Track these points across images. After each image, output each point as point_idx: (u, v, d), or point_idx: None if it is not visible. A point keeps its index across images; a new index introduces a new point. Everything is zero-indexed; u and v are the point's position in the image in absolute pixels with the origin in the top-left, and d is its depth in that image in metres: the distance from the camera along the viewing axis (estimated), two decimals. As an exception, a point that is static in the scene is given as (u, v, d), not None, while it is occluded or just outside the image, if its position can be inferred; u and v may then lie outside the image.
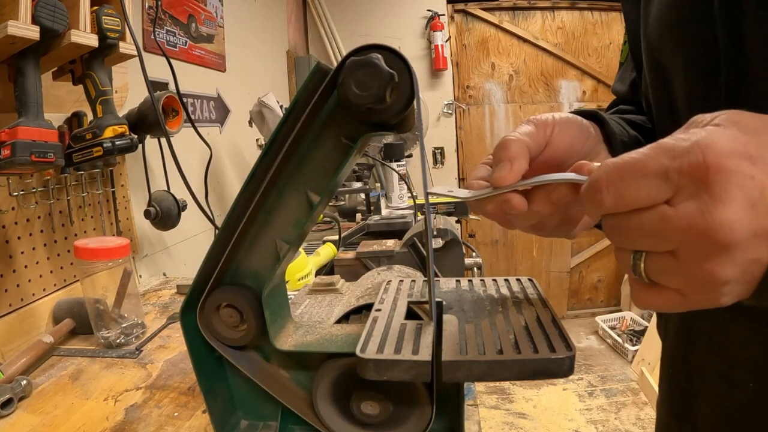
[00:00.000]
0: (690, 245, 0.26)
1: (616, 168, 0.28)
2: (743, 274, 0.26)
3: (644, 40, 0.47)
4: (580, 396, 2.45)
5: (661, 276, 0.28)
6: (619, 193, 0.27)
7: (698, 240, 0.25)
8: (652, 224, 0.27)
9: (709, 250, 0.25)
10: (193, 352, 0.44)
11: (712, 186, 0.25)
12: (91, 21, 0.82)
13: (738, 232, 0.24)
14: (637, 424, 2.18)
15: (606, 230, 0.30)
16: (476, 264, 1.16)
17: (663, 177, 0.26)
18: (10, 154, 0.69)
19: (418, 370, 0.33)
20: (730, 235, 0.25)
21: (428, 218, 0.37)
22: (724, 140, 0.25)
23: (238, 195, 0.41)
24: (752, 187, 0.24)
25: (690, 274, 0.26)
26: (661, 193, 0.26)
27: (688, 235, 0.25)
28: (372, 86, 0.34)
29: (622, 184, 0.27)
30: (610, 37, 3.15)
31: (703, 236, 0.25)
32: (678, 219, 0.26)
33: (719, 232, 0.25)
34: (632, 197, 0.27)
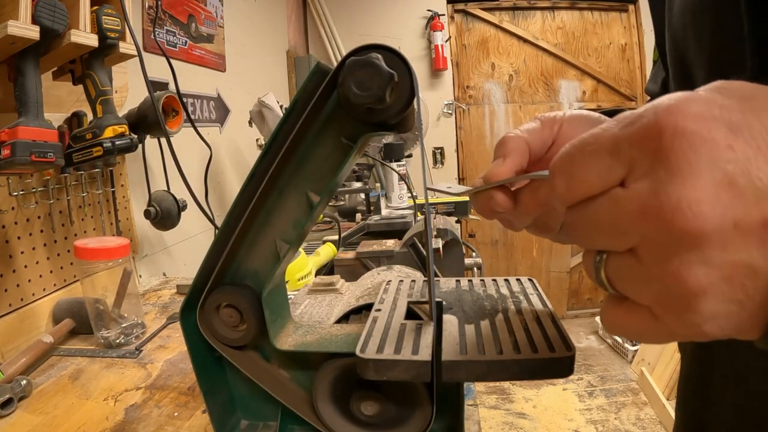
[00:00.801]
0: (649, 238, 0.20)
1: (570, 148, 0.23)
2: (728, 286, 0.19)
3: (668, 32, 0.45)
4: (580, 396, 2.45)
5: (625, 285, 0.22)
6: (570, 177, 0.23)
7: (655, 229, 0.20)
8: (604, 213, 0.22)
9: (671, 244, 0.19)
10: (193, 352, 0.44)
11: (668, 155, 0.19)
12: (91, 21, 0.82)
13: (705, 217, 0.19)
14: (637, 424, 2.18)
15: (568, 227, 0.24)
16: (476, 264, 1.16)
17: (613, 152, 0.21)
18: (10, 154, 0.69)
19: (418, 370, 0.33)
20: (693, 220, 0.19)
21: (428, 218, 0.37)
22: (692, 101, 0.20)
23: (238, 195, 0.41)
24: (730, 160, 0.19)
25: (654, 279, 0.20)
26: (613, 172, 0.21)
27: (643, 223, 0.20)
28: (372, 86, 0.34)
29: (573, 167, 0.23)
30: (610, 37, 3.15)
31: (659, 223, 0.19)
32: (629, 202, 0.20)
33: (677, 216, 0.19)
34: (582, 181, 0.22)
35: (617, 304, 0.23)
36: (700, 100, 0.20)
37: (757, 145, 0.19)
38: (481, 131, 3.25)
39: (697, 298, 0.20)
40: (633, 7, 3.12)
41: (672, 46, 0.45)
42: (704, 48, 0.39)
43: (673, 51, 0.45)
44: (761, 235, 0.19)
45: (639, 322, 0.22)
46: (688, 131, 0.19)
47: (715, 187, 0.19)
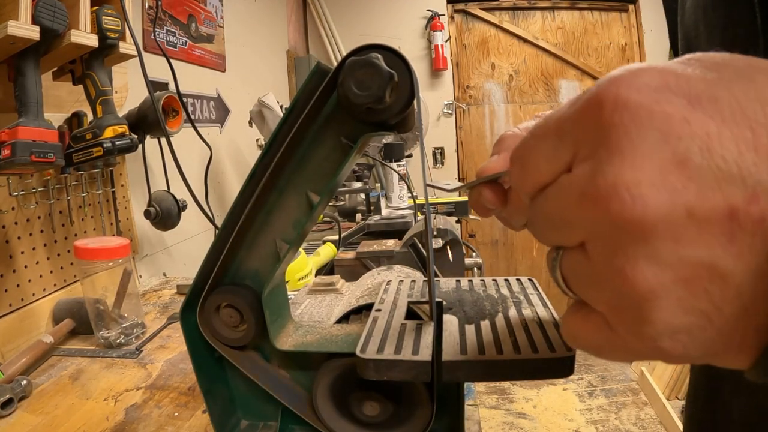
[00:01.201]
0: (593, 230, 0.17)
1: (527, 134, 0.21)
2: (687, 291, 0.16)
3: (681, 30, 0.44)
4: (580, 396, 2.45)
5: (579, 286, 0.19)
6: (522, 165, 0.20)
7: (596, 219, 0.17)
8: (551, 203, 0.19)
9: (614, 236, 0.16)
10: (193, 352, 0.44)
11: (608, 131, 0.17)
12: (91, 21, 0.82)
13: (647, 202, 0.16)
14: (637, 424, 2.18)
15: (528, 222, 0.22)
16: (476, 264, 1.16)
17: (559, 133, 0.19)
18: (10, 154, 0.69)
19: (418, 370, 0.33)
20: (632, 206, 0.16)
21: (428, 218, 0.37)
22: (644, 70, 0.17)
23: (238, 195, 0.41)
24: (683, 135, 0.16)
25: (603, 279, 0.17)
26: (559, 156, 0.19)
27: (584, 211, 0.17)
28: (372, 86, 0.34)
29: (525, 153, 0.20)
30: (610, 37, 3.15)
31: (598, 211, 0.17)
32: (571, 189, 0.18)
33: (613, 200, 0.16)
34: (533, 168, 0.20)
35: (575, 310, 0.20)
36: (654, 69, 0.17)
37: (722, 118, 0.15)
38: (481, 131, 3.25)
39: (647, 303, 0.16)
40: (633, 7, 3.12)
41: (684, 44, 0.44)
42: (715, 45, 0.38)
43: (685, 49, 0.44)
44: (727, 229, 0.15)
45: (594, 333, 0.19)
46: (631, 103, 0.16)
47: (663, 167, 0.16)
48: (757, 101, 0.16)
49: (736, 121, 0.15)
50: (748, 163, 0.15)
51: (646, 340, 0.17)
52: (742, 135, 0.15)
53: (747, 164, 0.15)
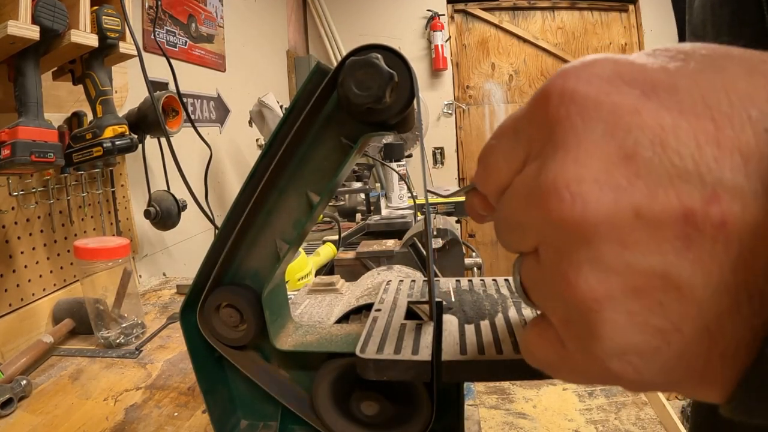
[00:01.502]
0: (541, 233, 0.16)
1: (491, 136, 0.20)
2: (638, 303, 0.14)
3: (689, 29, 0.44)
4: (580, 396, 2.45)
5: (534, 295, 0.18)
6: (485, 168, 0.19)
7: (540, 220, 0.16)
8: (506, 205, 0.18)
9: (558, 237, 0.15)
10: (193, 352, 0.44)
11: (554, 125, 0.15)
12: (91, 21, 0.82)
13: (588, 200, 0.14)
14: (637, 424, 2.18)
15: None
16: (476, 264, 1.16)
17: (515, 131, 0.18)
18: (10, 154, 0.69)
19: (418, 370, 0.33)
20: (571, 204, 0.14)
21: (428, 218, 0.37)
22: (597, 61, 0.16)
23: (238, 195, 0.41)
24: (632, 127, 0.14)
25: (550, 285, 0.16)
26: (515, 155, 0.18)
27: (530, 212, 0.16)
28: (372, 86, 0.34)
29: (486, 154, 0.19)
30: (610, 37, 3.15)
31: (540, 211, 0.15)
32: (520, 189, 0.17)
33: (552, 198, 0.15)
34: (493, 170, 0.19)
35: (533, 324, 0.19)
36: (608, 59, 0.16)
37: (680, 109, 0.14)
38: (481, 131, 3.25)
39: (593, 314, 0.14)
40: (633, 7, 3.12)
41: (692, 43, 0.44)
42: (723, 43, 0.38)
43: None
44: (682, 232, 0.13)
45: (548, 349, 0.18)
46: (578, 94, 0.15)
47: (607, 162, 0.14)
48: (723, 90, 0.14)
49: (697, 112, 0.14)
50: (707, 158, 0.13)
51: (594, 359, 0.15)
52: (703, 127, 0.13)
53: (706, 160, 0.13)
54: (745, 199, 0.13)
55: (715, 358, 0.14)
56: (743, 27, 0.35)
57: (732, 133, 0.13)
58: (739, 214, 0.13)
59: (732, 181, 0.13)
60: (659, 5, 3.00)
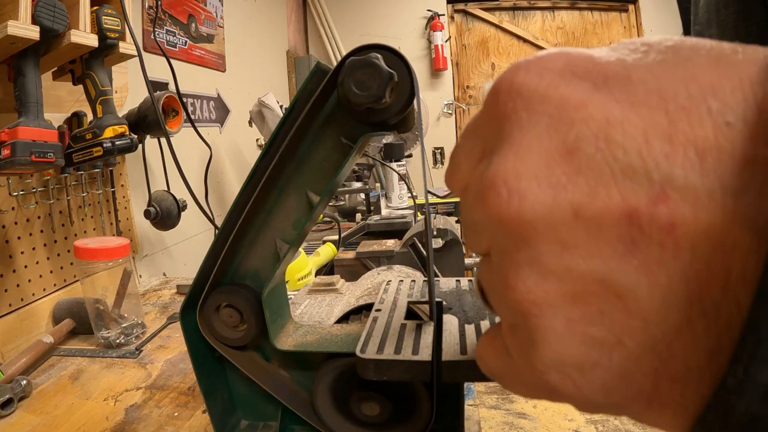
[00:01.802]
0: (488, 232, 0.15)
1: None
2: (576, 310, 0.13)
3: (694, 29, 0.43)
4: (580, 396, 2.45)
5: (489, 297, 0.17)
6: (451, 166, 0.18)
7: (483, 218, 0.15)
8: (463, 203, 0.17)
9: (500, 237, 0.14)
10: (193, 352, 0.44)
11: (501, 120, 0.15)
12: (91, 21, 0.82)
13: (524, 196, 0.13)
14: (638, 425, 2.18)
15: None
16: (476, 264, 1.16)
17: (475, 128, 0.17)
18: (10, 154, 0.69)
19: (418, 370, 0.33)
20: (507, 201, 0.14)
21: (428, 218, 0.37)
22: (550, 55, 0.15)
23: (238, 195, 0.41)
24: (576, 120, 0.13)
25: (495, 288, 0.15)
26: (474, 152, 0.17)
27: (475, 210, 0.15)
28: (372, 86, 0.34)
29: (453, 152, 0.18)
30: (610, 37, 3.15)
31: (481, 208, 0.15)
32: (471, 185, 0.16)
33: (490, 195, 0.14)
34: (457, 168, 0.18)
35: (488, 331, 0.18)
36: (562, 53, 0.15)
37: (631, 102, 0.13)
38: (481, 131, 3.25)
39: (531, 319, 0.14)
40: (633, 7, 3.12)
41: None
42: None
43: None
44: (625, 235, 0.12)
45: (495, 356, 0.17)
46: (525, 88, 0.14)
47: (547, 158, 0.13)
48: (682, 82, 0.12)
49: (650, 105, 0.12)
50: (656, 154, 0.12)
51: (534, 370, 0.14)
52: (654, 120, 0.12)
53: (654, 155, 0.12)
54: (698, 199, 0.12)
55: (663, 380, 0.13)
56: (749, 26, 0.35)
57: (687, 127, 0.12)
58: (691, 216, 0.12)
59: (683, 179, 0.12)
60: (659, 5, 3.00)
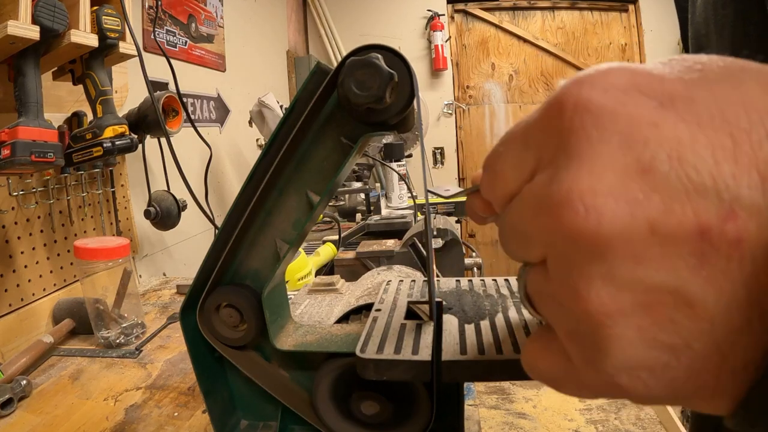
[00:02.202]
0: (550, 244, 0.16)
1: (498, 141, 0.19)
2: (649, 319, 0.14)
3: (691, 28, 0.44)
4: (580, 396, 2.45)
5: (541, 307, 0.18)
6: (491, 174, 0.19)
7: (551, 231, 0.15)
8: (513, 213, 0.18)
9: (569, 250, 0.15)
10: (193, 352, 0.44)
11: (568, 135, 0.15)
12: (91, 21, 0.82)
13: (603, 213, 0.14)
14: (637, 424, 2.18)
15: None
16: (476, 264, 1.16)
17: (524, 139, 0.17)
18: (10, 154, 0.69)
19: (418, 370, 0.33)
20: (585, 217, 0.14)
21: (428, 218, 0.37)
22: (612, 70, 0.15)
23: (238, 195, 0.41)
24: (650, 140, 0.14)
25: (558, 298, 0.16)
26: (524, 163, 0.17)
27: (539, 222, 0.16)
28: (372, 86, 0.34)
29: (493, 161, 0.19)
30: (610, 37, 3.15)
31: (552, 222, 0.15)
32: (529, 198, 0.16)
33: (565, 210, 0.14)
34: (500, 177, 0.18)
35: (536, 337, 0.19)
36: (624, 69, 0.15)
37: (698, 123, 0.14)
38: (481, 131, 3.25)
39: (603, 329, 0.14)
40: (633, 7, 3.12)
41: (695, 43, 0.43)
42: (725, 42, 0.37)
43: (695, 47, 0.43)
44: (697, 249, 0.13)
45: (552, 363, 0.18)
46: (593, 105, 0.15)
47: (623, 175, 0.14)
48: (741, 105, 0.13)
49: (715, 127, 0.13)
50: (725, 174, 0.13)
51: (601, 374, 0.15)
52: (721, 142, 0.13)
53: (724, 176, 0.13)
54: (761, 217, 0.13)
55: (725, 374, 0.14)
56: (747, 26, 0.35)
57: (750, 150, 0.13)
58: (755, 232, 0.13)
59: (749, 198, 0.13)
60: (659, 5, 3.00)
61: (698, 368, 0.14)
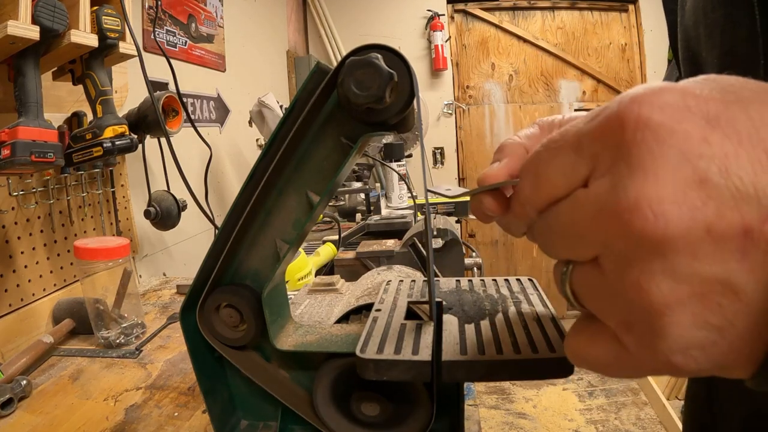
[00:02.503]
0: (609, 244, 0.18)
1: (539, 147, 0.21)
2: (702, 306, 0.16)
3: (681, 31, 0.44)
4: (580, 396, 2.45)
5: (590, 301, 0.20)
6: (535, 178, 0.21)
7: (614, 233, 0.17)
8: (565, 217, 0.20)
9: (632, 250, 0.17)
10: (193, 352, 0.44)
11: (630, 148, 0.17)
12: (91, 21, 0.82)
13: (669, 219, 0.16)
14: (637, 424, 2.18)
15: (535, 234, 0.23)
16: (476, 264, 1.16)
17: (576, 148, 0.19)
18: (10, 154, 0.69)
19: (418, 370, 0.33)
20: (654, 222, 0.16)
21: (428, 218, 0.37)
22: (664, 90, 0.18)
23: (238, 195, 0.41)
24: (703, 154, 0.16)
25: (616, 293, 0.18)
26: (576, 170, 0.19)
27: (601, 225, 0.18)
28: (372, 86, 0.34)
29: (538, 166, 0.21)
30: (610, 37, 3.15)
31: (617, 225, 0.17)
32: (588, 203, 0.18)
33: (635, 216, 0.17)
34: (547, 181, 0.20)
35: (582, 328, 0.21)
36: (674, 89, 0.17)
37: (739, 140, 0.16)
38: (481, 131, 3.25)
39: (662, 318, 0.17)
40: (633, 7, 3.12)
41: (684, 44, 0.44)
42: (715, 46, 0.38)
43: (684, 49, 0.44)
44: (741, 246, 0.16)
45: (603, 351, 0.19)
46: (653, 122, 0.17)
47: (684, 185, 0.16)
48: None
49: (753, 144, 0.16)
50: (763, 184, 0.16)
51: (658, 355, 0.17)
52: (758, 157, 0.16)
53: (762, 185, 0.16)
54: None
55: (759, 345, 0.17)
56: (736, 29, 0.35)
57: None
58: None
59: None
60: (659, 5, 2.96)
61: (739, 343, 0.17)
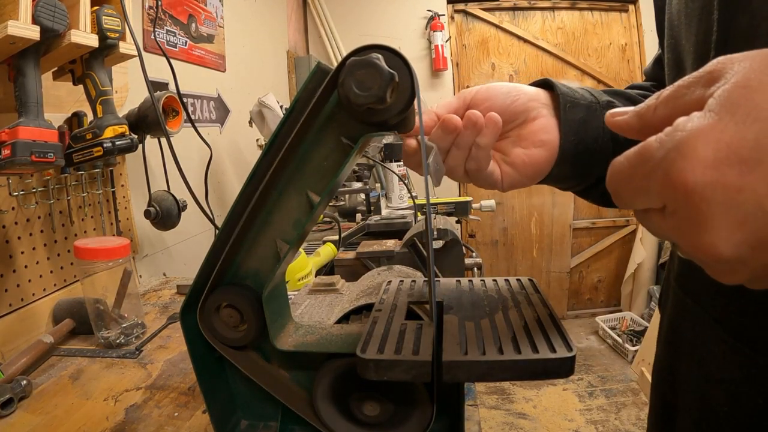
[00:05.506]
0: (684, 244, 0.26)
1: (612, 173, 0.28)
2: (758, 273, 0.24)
3: (667, 18, 0.46)
4: (580, 396, 2.45)
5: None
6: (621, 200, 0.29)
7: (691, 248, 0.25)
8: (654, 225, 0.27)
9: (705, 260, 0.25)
10: (193, 352, 0.44)
11: (690, 207, 0.24)
12: (91, 21, 0.82)
13: (725, 251, 0.23)
14: (637, 425, 2.18)
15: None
16: (476, 264, 1.16)
17: (645, 192, 0.26)
18: (10, 154, 0.69)
19: (418, 370, 0.33)
20: (717, 255, 0.23)
21: (428, 218, 0.37)
22: (703, 146, 0.23)
23: (239, 195, 0.41)
24: (742, 201, 0.22)
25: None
26: (652, 204, 0.26)
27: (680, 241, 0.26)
28: (372, 86, 0.34)
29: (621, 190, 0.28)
30: (610, 37, 3.15)
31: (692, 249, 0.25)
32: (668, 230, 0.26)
33: (706, 252, 0.24)
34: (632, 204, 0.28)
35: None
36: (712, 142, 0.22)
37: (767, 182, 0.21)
38: (481, 131, 3.25)
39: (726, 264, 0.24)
40: (633, 7, 3.12)
41: (669, 33, 0.46)
42: (692, 35, 0.40)
43: (669, 36, 0.46)
44: None
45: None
46: (702, 187, 0.23)
47: (730, 229, 0.22)
48: None
49: None
50: None
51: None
52: None
53: None
54: None
55: None
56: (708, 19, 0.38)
57: None
58: None
59: None
60: (659, 5, 2.99)
61: None
